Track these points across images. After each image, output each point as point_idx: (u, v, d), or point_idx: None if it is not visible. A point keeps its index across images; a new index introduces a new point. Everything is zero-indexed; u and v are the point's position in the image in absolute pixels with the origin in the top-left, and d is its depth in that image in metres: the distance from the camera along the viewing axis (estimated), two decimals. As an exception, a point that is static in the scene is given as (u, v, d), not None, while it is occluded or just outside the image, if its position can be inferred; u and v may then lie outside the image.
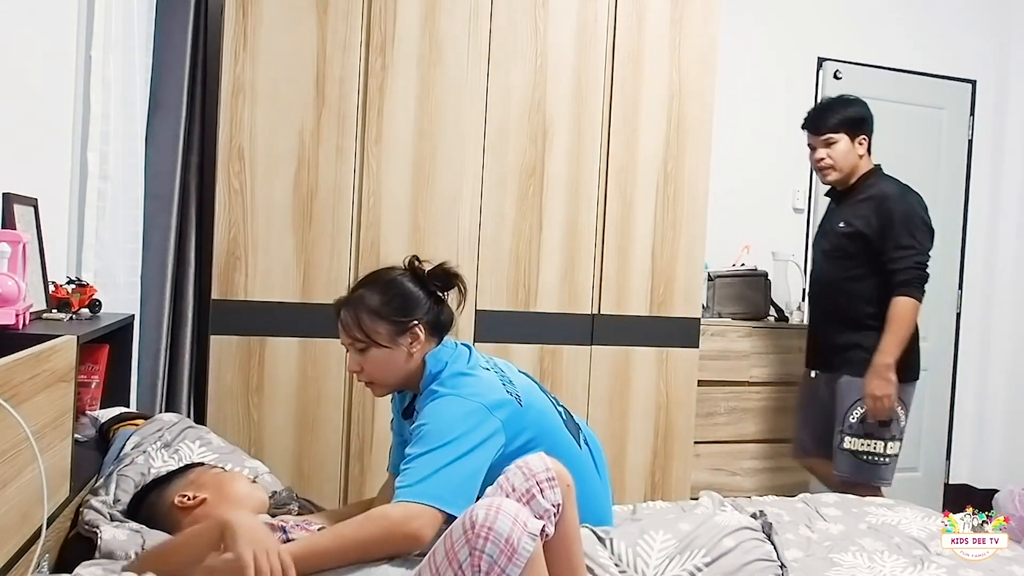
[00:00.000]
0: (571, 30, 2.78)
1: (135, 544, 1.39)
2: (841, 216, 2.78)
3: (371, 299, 1.64)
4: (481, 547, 1.18)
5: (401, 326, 1.64)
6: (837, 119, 2.75)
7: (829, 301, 2.83)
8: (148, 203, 2.48)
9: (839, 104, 2.80)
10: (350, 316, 1.64)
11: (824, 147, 2.77)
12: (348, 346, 1.67)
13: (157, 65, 2.50)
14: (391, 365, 1.65)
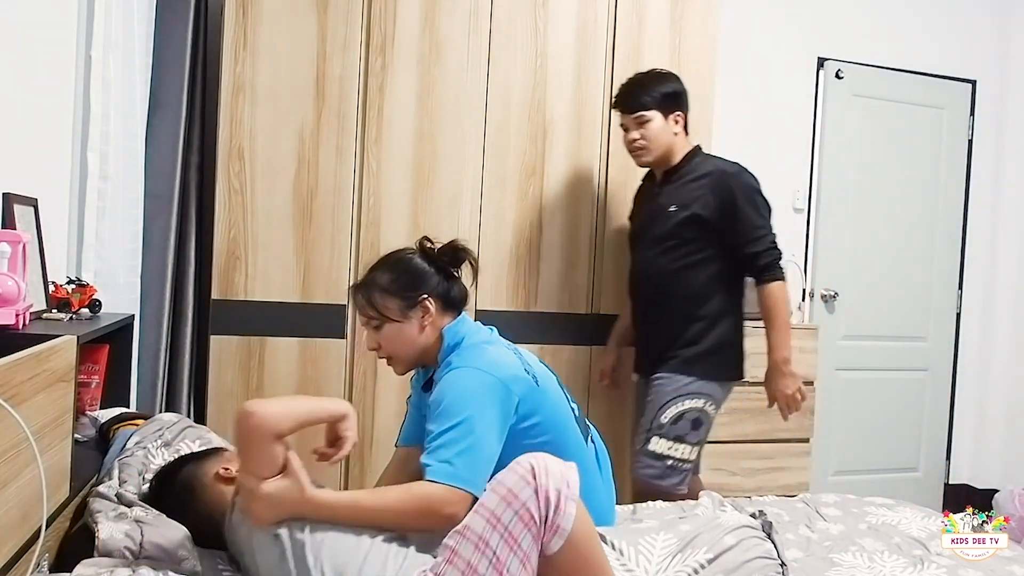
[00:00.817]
0: (571, 30, 2.78)
1: (133, 540, 1.38)
2: (671, 199, 2.45)
3: (381, 278, 1.73)
4: (544, 482, 1.29)
5: (411, 300, 1.71)
6: (649, 96, 2.44)
7: (659, 294, 2.47)
8: (148, 203, 2.48)
9: (650, 80, 2.48)
10: (363, 296, 1.73)
11: (637, 127, 2.46)
12: (364, 325, 1.75)
13: (157, 65, 2.50)
14: (405, 339, 1.72)
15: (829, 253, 3.92)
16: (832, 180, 3.92)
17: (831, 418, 3.87)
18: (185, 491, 1.54)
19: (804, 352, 3.41)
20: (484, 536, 1.28)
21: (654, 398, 2.42)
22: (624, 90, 2.50)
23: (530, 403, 1.65)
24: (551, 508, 1.29)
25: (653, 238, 2.47)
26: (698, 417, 2.40)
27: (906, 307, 4.08)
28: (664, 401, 2.39)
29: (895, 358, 4.07)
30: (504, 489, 1.30)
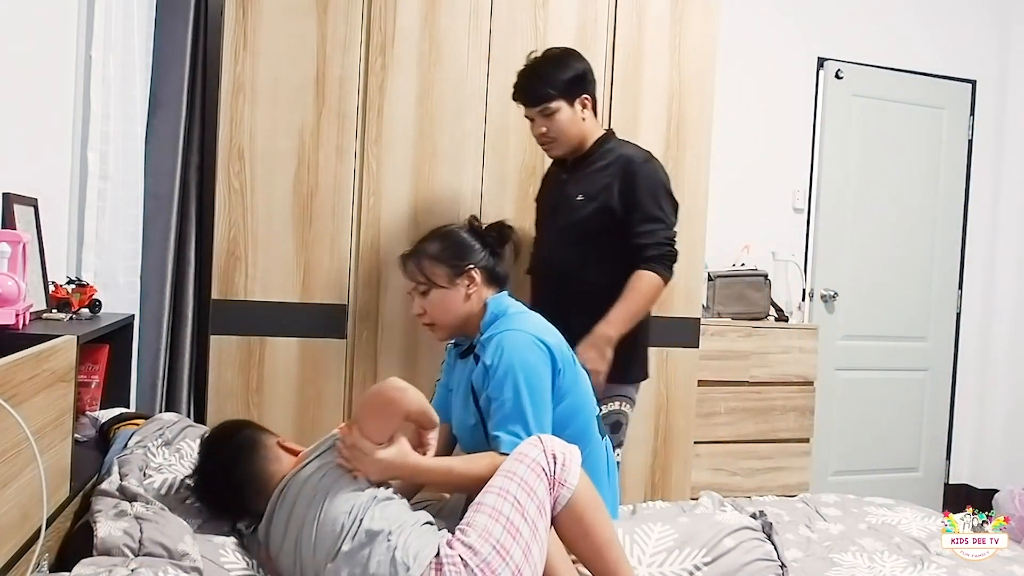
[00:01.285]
0: (571, 30, 2.78)
1: (132, 538, 1.38)
2: (577, 187, 2.31)
3: (431, 246, 1.86)
4: (550, 444, 1.53)
5: (458, 269, 1.83)
6: (552, 86, 2.24)
7: (564, 288, 2.29)
8: (148, 203, 2.48)
9: (551, 66, 2.27)
10: (412, 262, 1.87)
11: (543, 119, 2.27)
12: (412, 291, 1.88)
13: (157, 65, 2.50)
14: (450, 305, 1.84)
15: (829, 253, 3.92)
16: (832, 180, 3.92)
17: (831, 418, 3.87)
18: (243, 448, 1.61)
19: (804, 352, 3.41)
20: (504, 486, 1.47)
21: None
22: (523, 82, 2.29)
23: (567, 378, 1.77)
24: (557, 464, 1.50)
25: (558, 228, 2.32)
26: (617, 419, 2.30)
27: (906, 307, 4.08)
28: None
29: (895, 358, 4.07)
30: (518, 454, 1.52)
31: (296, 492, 1.52)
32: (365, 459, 1.49)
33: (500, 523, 1.43)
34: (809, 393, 3.43)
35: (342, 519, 1.44)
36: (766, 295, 3.47)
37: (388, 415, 1.51)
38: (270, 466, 1.60)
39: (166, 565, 1.32)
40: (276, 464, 1.60)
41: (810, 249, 3.92)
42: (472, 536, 1.42)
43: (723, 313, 3.40)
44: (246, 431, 1.67)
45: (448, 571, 1.38)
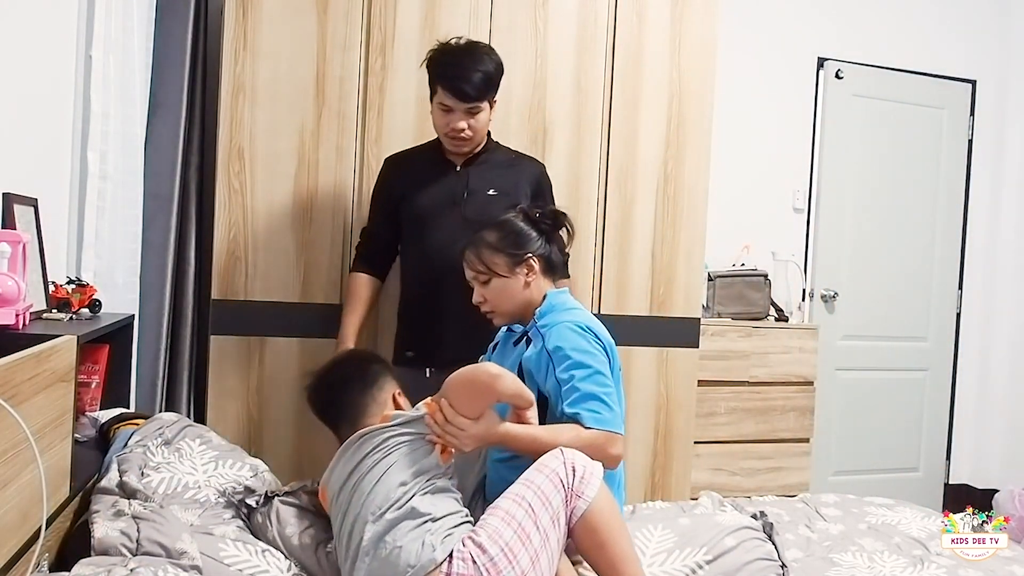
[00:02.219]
0: (571, 30, 2.78)
1: (130, 538, 1.38)
2: (483, 182, 2.28)
3: (489, 236, 1.89)
4: (571, 457, 1.56)
5: (517, 258, 1.87)
6: (489, 87, 2.21)
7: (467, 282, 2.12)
8: (148, 203, 2.48)
9: (489, 64, 2.19)
10: (472, 252, 1.90)
11: (467, 116, 2.20)
12: (472, 280, 1.91)
13: (157, 65, 2.50)
14: (509, 293, 1.88)
15: (829, 253, 3.92)
16: (832, 180, 3.92)
17: (831, 418, 3.87)
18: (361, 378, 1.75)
19: (804, 352, 3.41)
20: (520, 493, 1.52)
21: None
22: (466, 76, 2.16)
23: (614, 378, 1.79)
24: (576, 477, 1.52)
25: (466, 221, 2.19)
26: None
27: (906, 307, 4.08)
28: None
29: (895, 358, 4.07)
30: (540, 463, 1.55)
31: (370, 447, 1.60)
32: (461, 434, 1.59)
33: (511, 527, 1.47)
34: (809, 393, 3.43)
35: (398, 490, 1.53)
36: (766, 295, 3.47)
37: (483, 397, 1.61)
38: (370, 407, 1.72)
39: (165, 564, 1.32)
40: (376, 408, 1.72)
41: (810, 249, 3.92)
42: (483, 536, 1.47)
43: (723, 313, 3.40)
44: (376, 366, 1.80)
45: (456, 564, 1.44)
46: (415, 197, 2.31)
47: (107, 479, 1.60)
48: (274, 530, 1.61)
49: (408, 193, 2.32)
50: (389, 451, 1.59)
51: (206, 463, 1.76)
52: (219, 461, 1.78)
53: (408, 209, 2.32)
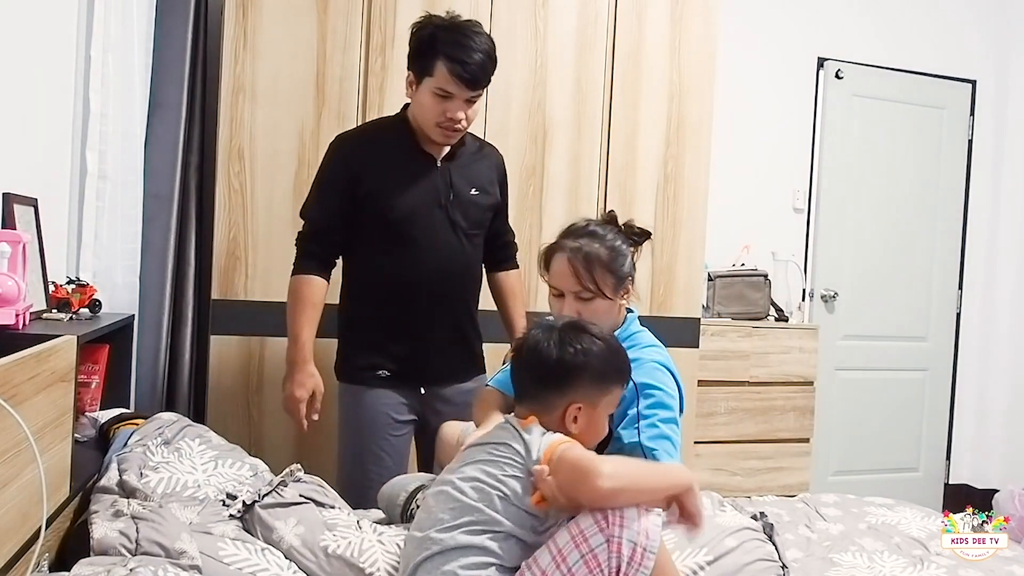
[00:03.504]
0: (571, 30, 2.78)
1: (129, 538, 1.38)
2: (464, 179, 2.08)
3: (601, 252, 1.70)
4: (618, 533, 1.26)
5: (622, 281, 1.73)
6: (492, 70, 1.99)
7: (460, 286, 2.11)
8: (148, 203, 2.48)
9: (488, 45, 1.96)
10: (581, 266, 1.69)
11: (467, 106, 1.97)
12: (571, 293, 1.70)
13: (157, 65, 2.50)
14: (608, 316, 1.73)
15: (829, 253, 3.92)
16: (832, 180, 3.92)
17: (831, 418, 3.87)
18: (595, 361, 1.46)
19: (804, 352, 3.42)
20: (547, 572, 1.28)
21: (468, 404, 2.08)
22: (484, 64, 1.94)
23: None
24: (624, 561, 1.25)
25: (455, 224, 2.05)
26: None
27: (906, 307, 4.08)
28: None
29: (895, 358, 4.07)
30: (576, 529, 1.28)
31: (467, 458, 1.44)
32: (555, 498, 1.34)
33: None
34: (809, 393, 3.43)
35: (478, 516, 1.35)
36: (766, 295, 3.47)
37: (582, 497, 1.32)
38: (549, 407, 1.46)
39: (164, 564, 1.32)
40: (548, 412, 1.46)
41: (810, 249, 3.92)
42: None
43: (723, 313, 3.40)
44: (611, 367, 1.51)
45: None
46: (393, 195, 2.01)
47: (107, 478, 1.60)
48: (261, 541, 1.54)
49: (382, 189, 2.01)
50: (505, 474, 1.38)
51: (206, 463, 1.75)
52: (219, 461, 1.78)
53: (381, 207, 2.01)
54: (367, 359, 2.06)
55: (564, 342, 1.46)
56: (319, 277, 2.03)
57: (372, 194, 2.01)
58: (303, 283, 2.02)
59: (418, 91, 1.97)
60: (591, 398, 1.46)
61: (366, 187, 2.01)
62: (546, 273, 1.76)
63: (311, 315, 2.03)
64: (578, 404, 1.44)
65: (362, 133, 2.16)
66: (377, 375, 2.05)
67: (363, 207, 2.01)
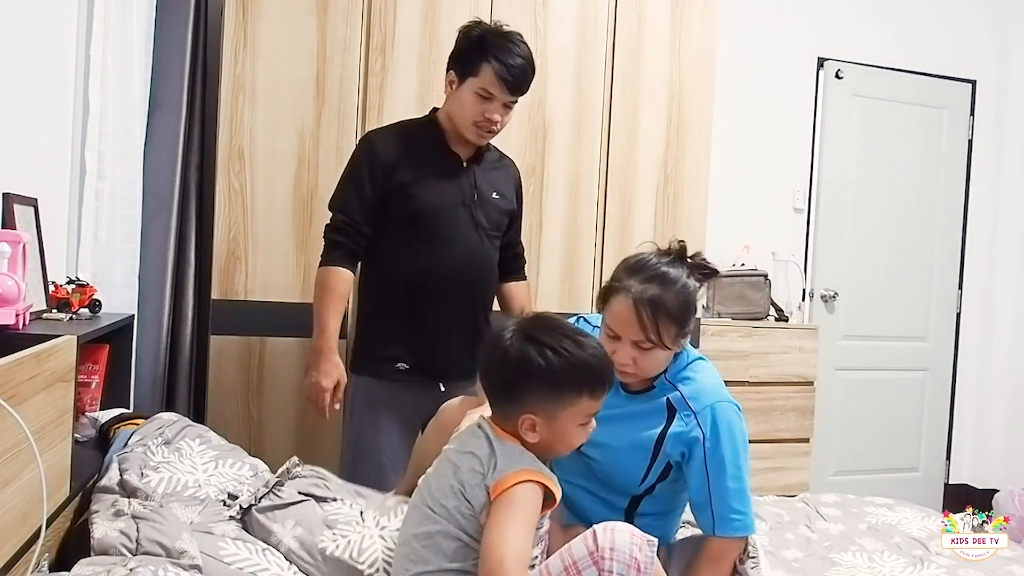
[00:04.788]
0: (571, 30, 2.78)
1: (129, 538, 1.38)
2: (487, 183, 2.15)
3: (671, 301, 1.53)
4: (609, 567, 1.21)
5: (685, 331, 1.58)
6: (532, 79, 2.11)
7: (483, 286, 2.17)
8: (148, 203, 2.48)
9: (529, 54, 2.10)
10: (647, 315, 1.52)
11: (505, 111, 2.08)
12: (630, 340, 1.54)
13: (157, 65, 2.50)
14: (663, 364, 1.60)
15: (829, 253, 3.92)
16: (832, 180, 3.92)
17: (831, 418, 3.87)
18: (546, 370, 1.32)
19: (804, 352, 3.41)
20: None
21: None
22: (526, 71, 2.06)
23: None
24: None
25: (477, 224, 2.11)
26: None
27: (906, 307, 4.08)
28: None
29: (895, 358, 4.07)
30: (570, 560, 1.24)
31: (438, 468, 1.40)
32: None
33: None
34: (809, 393, 3.43)
35: (447, 544, 1.31)
36: (766, 295, 3.47)
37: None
38: (533, 401, 1.34)
39: (165, 563, 1.32)
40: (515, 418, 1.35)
41: (810, 249, 3.92)
42: None
43: (723, 313, 3.40)
44: (578, 361, 1.36)
45: None
46: (421, 191, 2.06)
47: (107, 477, 1.60)
48: (260, 543, 1.53)
49: (411, 184, 2.05)
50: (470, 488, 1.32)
51: (206, 463, 1.75)
52: (219, 461, 1.78)
53: (408, 202, 2.05)
54: (387, 350, 2.09)
55: (523, 345, 1.33)
56: (347, 269, 2.08)
57: (401, 188, 2.05)
58: (331, 274, 2.07)
59: (459, 90, 2.05)
60: (547, 410, 1.33)
61: (396, 180, 2.05)
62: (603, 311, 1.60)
63: (339, 306, 2.07)
64: (532, 414, 1.33)
65: (394, 129, 2.18)
66: (396, 367, 2.08)
67: (391, 200, 2.06)
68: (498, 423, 1.37)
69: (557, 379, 1.32)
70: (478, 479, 1.31)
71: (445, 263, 2.07)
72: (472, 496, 1.30)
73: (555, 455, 1.39)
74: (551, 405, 1.33)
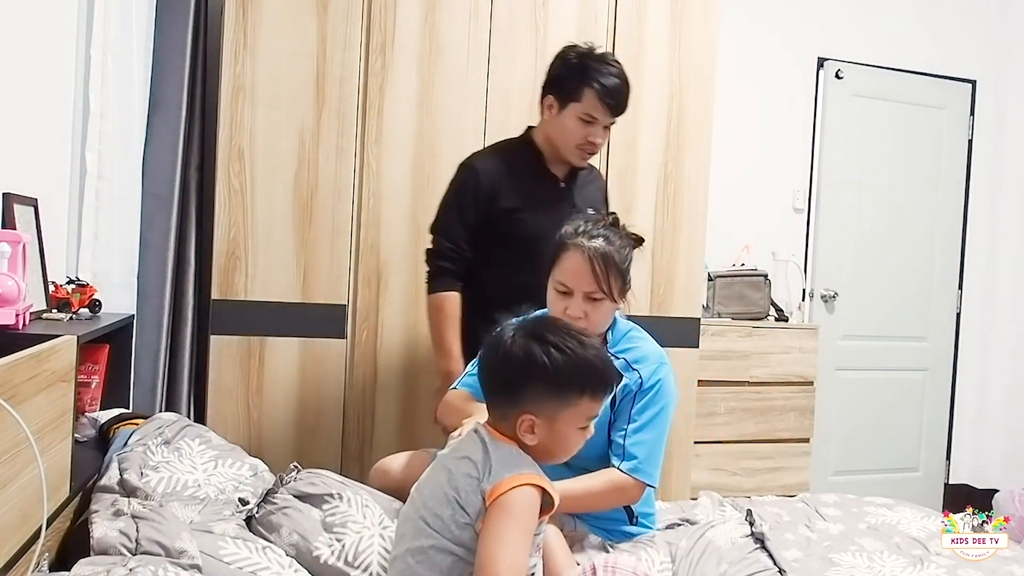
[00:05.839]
0: (571, 30, 2.78)
1: (129, 538, 1.38)
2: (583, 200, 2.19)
3: (617, 256, 1.67)
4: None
5: (626, 288, 1.72)
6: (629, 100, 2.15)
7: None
8: (148, 203, 2.48)
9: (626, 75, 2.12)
10: (600, 267, 1.65)
11: (605, 130, 2.12)
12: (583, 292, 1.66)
13: (157, 65, 2.50)
14: (610, 318, 1.73)
15: (829, 253, 3.92)
16: (832, 180, 3.92)
17: (831, 418, 3.87)
18: (549, 368, 1.31)
19: (804, 352, 3.42)
20: None
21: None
22: (625, 91, 2.11)
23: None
24: None
25: None
26: None
27: (906, 307, 4.08)
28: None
29: (895, 358, 4.07)
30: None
31: (432, 477, 1.38)
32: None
33: None
34: (809, 393, 3.43)
35: (441, 559, 1.29)
36: (766, 295, 3.47)
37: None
38: (528, 402, 1.32)
39: (164, 563, 1.32)
40: (532, 404, 1.32)
41: (810, 249, 3.92)
42: None
43: (723, 313, 3.40)
44: (576, 361, 1.34)
45: None
46: (523, 214, 2.11)
47: (107, 477, 1.60)
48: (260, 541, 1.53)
49: (514, 208, 2.12)
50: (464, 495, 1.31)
51: (206, 462, 1.76)
52: (219, 460, 1.78)
53: (512, 226, 2.12)
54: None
55: (527, 342, 1.32)
56: (457, 292, 2.15)
57: (504, 214, 2.12)
58: (445, 300, 2.15)
59: (560, 115, 2.09)
60: (547, 410, 1.31)
61: (499, 207, 2.12)
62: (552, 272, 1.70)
63: (457, 328, 2.14)
64: (530, 415, 1.31)
65: (494, 153, 2.24)
66: None
67: (494, 225, 2.12)
68: (495, 426, 1.35)
69: (560, 378, 1.31)
70: (473, 484, 1.28)
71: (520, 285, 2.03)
72: (467, 503, 1.27)
73: (552, 460, 1.37)
74: (552, 405, 1.31)
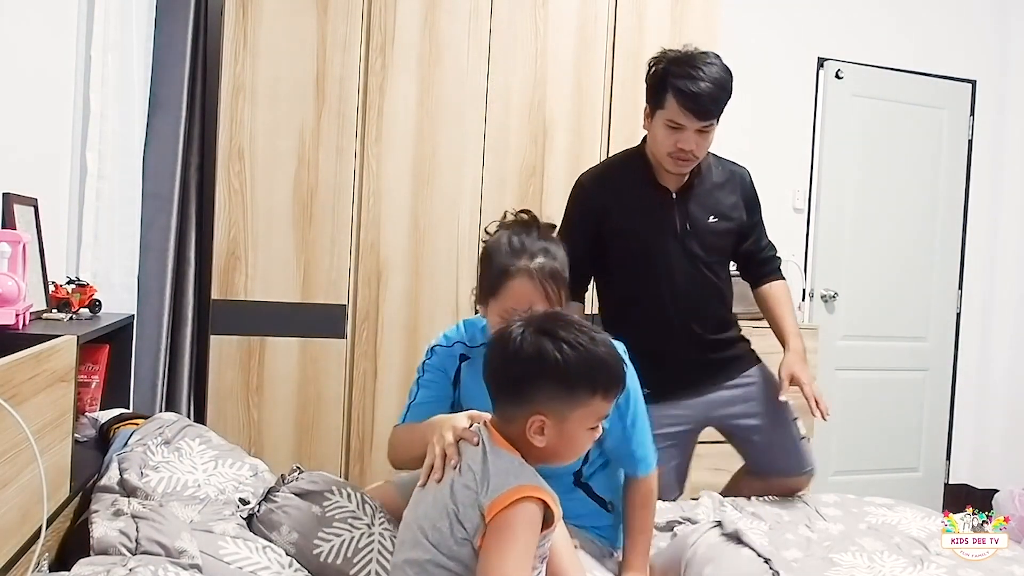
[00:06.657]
0: (571, 30, 2.78)
1: (129, 537, 1.38)
2: (702, 208, 2.16)
3: (560, 268, 1.60)
4: None
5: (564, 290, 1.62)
6: (724, 99, 2.03)
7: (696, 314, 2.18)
8: (148, 203, 2.48)
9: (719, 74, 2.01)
10: (552, 287, 1.57)
11: (698, 135, 2.02)
12: (536, 300, 1.56)
13: (157, 65, 2.50)
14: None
15: (829, 253, 3.92)
16: (832, 180, 3.92)
17: (831, 418, 3.85)
18: (561, 365, 1.24)
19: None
20: None
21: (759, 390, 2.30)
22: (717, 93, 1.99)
23: None
24: None
25: (692, 255, 2.13)
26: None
27: (906, 307, 4.07)
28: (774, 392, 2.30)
29: (895, 358, 4.07)
30: None
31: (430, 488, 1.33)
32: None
33: None
34: (809, 393, 3.42)
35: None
36: (766, 295, 3.47)
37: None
38: (534, 404, 1.26)
39: (164, 563, 1.32)
40: (541, 407, 1.26)
41: (810, 249, 3.92)
42: None
43: (723, 313, 3.39)
44: (582, 357, 1.28)
45: None
46: (631, 229, 2.11)
47: (107, 477, 1.60)
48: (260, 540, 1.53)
49: (622, 225, 2.11)
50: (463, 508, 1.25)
51: (206, 462, 1.75)
52: (219, 460, 1.78)
53: (622, 241, 2.12)
54: None
55: (538, 339, 1.26)
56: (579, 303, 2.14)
57: (615, 230, 2.12)
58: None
59: (652, 123, 2.06)
60: (558, 410, 1.24)
61: (610, 224, 2.12)
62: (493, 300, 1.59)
63: None
64: (541, 415, 1.24)
65: (604, 171, 2.26)
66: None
67: (606, 243, 2.13)
68: (501, 428, 1.28)
69: (572, 375, 1.24)
70: (471, 498, 1.21)
71: (663, 297, 2.12)
72: (465, 518, 1.21)
73: (560, 463, 1.32)
74: (562, 404, 1.25)
